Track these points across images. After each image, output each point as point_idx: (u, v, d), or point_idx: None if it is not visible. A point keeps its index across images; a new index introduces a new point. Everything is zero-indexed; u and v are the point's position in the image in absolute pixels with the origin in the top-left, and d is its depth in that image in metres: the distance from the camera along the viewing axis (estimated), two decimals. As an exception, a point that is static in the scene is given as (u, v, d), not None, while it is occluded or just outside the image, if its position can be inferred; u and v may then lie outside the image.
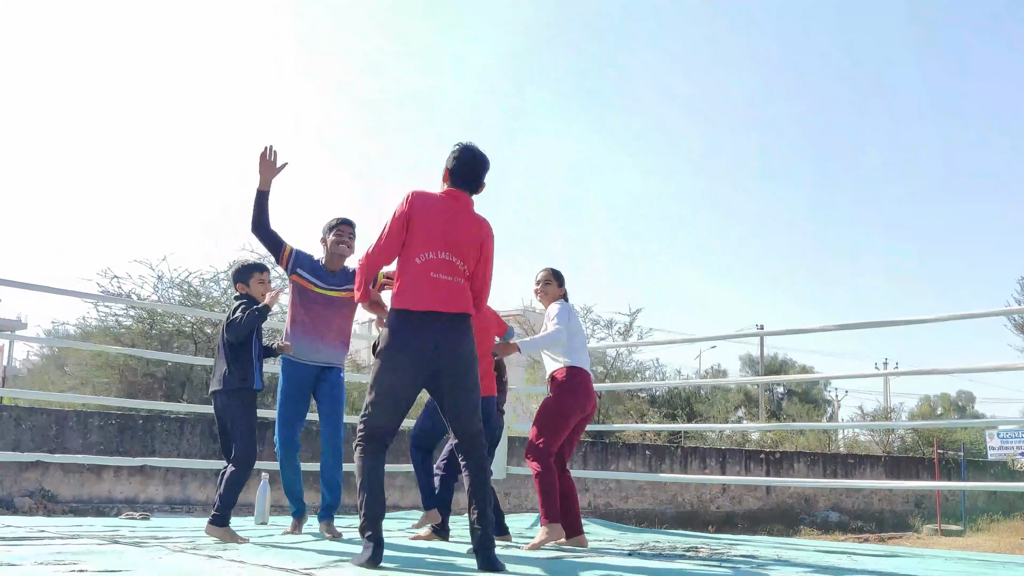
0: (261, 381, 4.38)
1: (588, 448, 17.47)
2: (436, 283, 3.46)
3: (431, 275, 3.46)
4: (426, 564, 3.61)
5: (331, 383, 4.75)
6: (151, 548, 3.75)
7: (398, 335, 3.44)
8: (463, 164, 3.65)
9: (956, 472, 22.43)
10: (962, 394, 47.76)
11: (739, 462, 19.53)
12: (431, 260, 3.48)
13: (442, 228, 3.52)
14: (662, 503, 17.81)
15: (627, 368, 20.64)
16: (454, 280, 3.50)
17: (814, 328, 6.68)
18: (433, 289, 3.45)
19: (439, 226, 3.52)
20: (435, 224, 3.52)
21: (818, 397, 38.12)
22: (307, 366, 4.69)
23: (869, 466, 21.95)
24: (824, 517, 19.36)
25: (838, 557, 4.55)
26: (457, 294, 3.50)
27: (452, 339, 3.45)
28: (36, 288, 6.10)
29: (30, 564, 3.03)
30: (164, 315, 15.26)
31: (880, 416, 28.71)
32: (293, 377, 4.69)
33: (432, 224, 3.52)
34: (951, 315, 6.01)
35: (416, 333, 3.42)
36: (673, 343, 10.67)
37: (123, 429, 12.71)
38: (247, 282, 4.47)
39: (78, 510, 11.24)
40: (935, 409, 44.49)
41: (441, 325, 3.44)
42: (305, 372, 4.69)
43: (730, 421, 27.06)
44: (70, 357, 16.78)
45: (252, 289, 4.45)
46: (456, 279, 3.51)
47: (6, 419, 11.98)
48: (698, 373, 36.47)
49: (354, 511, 3.97)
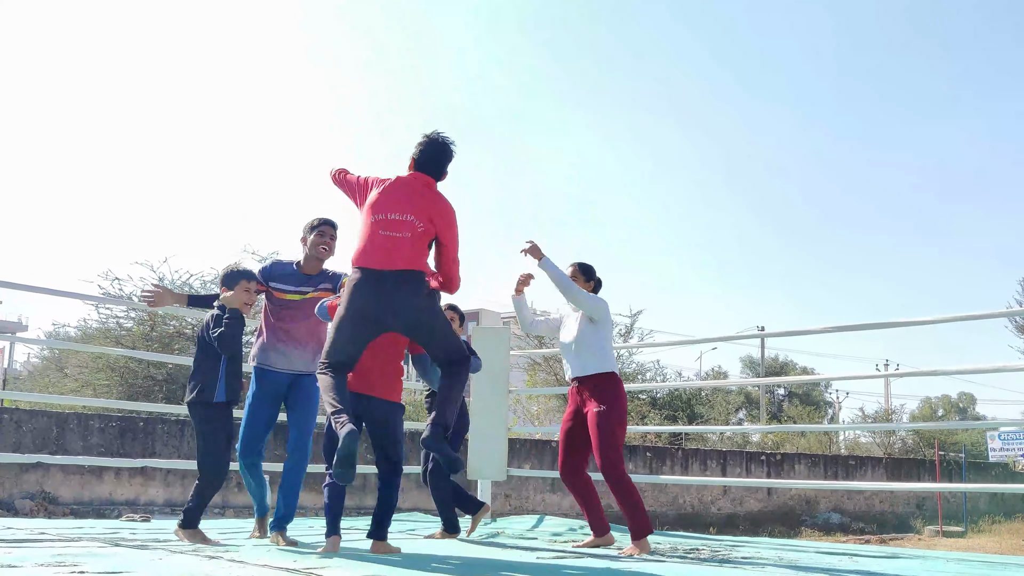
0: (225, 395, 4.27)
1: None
2: (384, 240, 3.77)
3: (379, 232, 3.79)
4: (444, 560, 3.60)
5: (304, 389, 4.63)
6: (152, 550, 3.75)
7: (353, 291, 3.77)
8: (425, 154, 3.98)
9: (957, 474, 22.41)
10: (963, 396, 47.73)
11: (740, 464, 19.51)
12: (380, 220, 3.82)
13: (394, 194, 3.86)
14: (663, 505, 17.79)
15: (628, 370, 20.62)
16: (401, 236, 3.78)
17: (815, 330, 6.67)
18: (379, 246, 3.76)
19: (390, 194, 3.87)
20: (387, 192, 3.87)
21: (819, 399, 38.13)
22: (280, 374, 4.57)
23: (870, 468, 21.93)
24: (825, 519, 19.34)
25: (839, 559, 4.55)
26: (403, 249, 3.77)
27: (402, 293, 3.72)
28: (37, 290, 6.09)
29: (31, 566, 3.03)
30: (165, 317, 15.24)
31: (881, 418, 28.68)
32: (264, 384, 4.56)
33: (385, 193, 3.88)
34: (952, 316, 6.00)
35: (363, 288, 3.73)
36: (674, 345, 10.68)
37: (124, 431, 12.70)
38: (232, 287, 4.42)
39: (79, 512, 11.23)
40: (936, 411, 44.47)
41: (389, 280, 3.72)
42: (278, 380, 4.57)
43: (731, 423, 27.04)
44: (71, 359, 16.77)
45: (234, 295, 4.38)
46: (404, 235, 3.78)
47: (6, 421, 11.97)
48: (699, 375, 36.47)
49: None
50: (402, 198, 3.85)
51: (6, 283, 5.92)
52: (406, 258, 3.74)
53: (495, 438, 5.82)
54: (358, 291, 3.74)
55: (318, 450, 4.22)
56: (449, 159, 4.02)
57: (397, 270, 3.72)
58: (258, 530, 4.78)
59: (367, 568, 3.35)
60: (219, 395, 4.25)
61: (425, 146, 3.98)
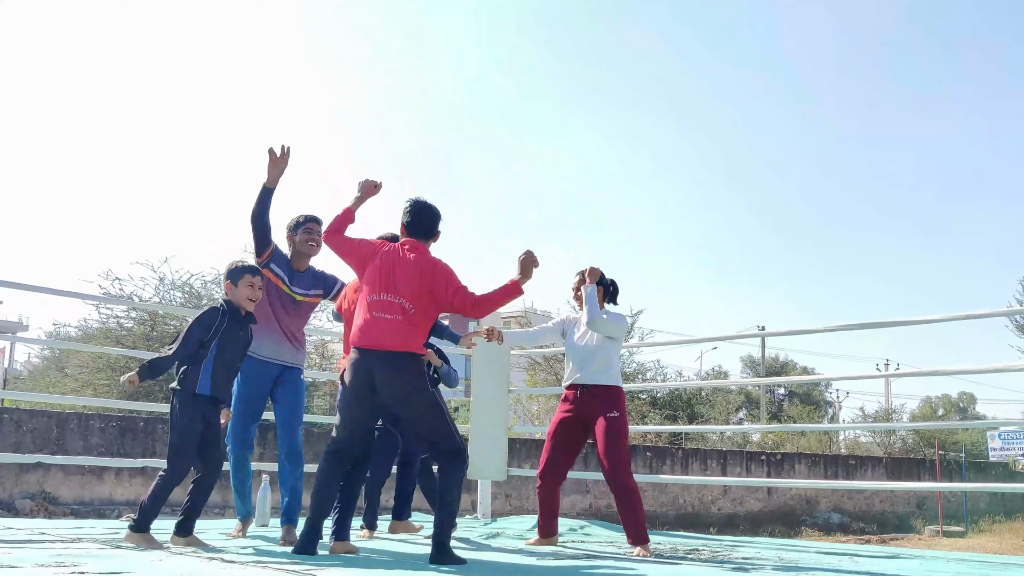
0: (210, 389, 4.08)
1: (588, 450, 17.46)
2: (376, 321, 3.85)
3: (373, 314, 3.87)
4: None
5: (291, 384, 4.61)
6: (152, 550, 3.75)
7: (349, 368, 3.90)
8: (413, 219, 4.06)
9: (957, 473, 22.41)
10: (963, 395, 47.76)
11: (740, 463, 19.51)
12: (374, 301, 3.89)
13: (387, 272, 3.91)
14: (663, 505, 17.79)
15: (628, 369, 20.59)
16: (393, 318, 3.85)
17: (815, 329, 6.66)
18: (372, 327, 3.84)
19: (384, 270, 3.92)
20: (382, 268, 3.93)
21: (819, 398, 38.15)
22: (270, 364, 4.53)
23: (870, 467, 21.93)
24: (826, 519, 19.34)
25: (840, 559, 4.55)
26: (395, 331, 3.83)
27: (387, 372, 3.80)
28: (37, 290, 6.09)
29: (31, 566, 3.03)
30: (166, 317, 15.25)
31: (881, 417, 28.70)
32: (254, 376, 4.49)
33: (378, 268, 3.93)
34: (952, 316, 5.99)
35: (357, 367, 3.85)
36: (674, 344, 10.69)
37: (124, 431, 12.70)
38: (236, 283, 4.22)
39: (79, 512, 11.24)
40: (936, 410, 44.50)
41: (376, 360, 3.80)
42: (267, 371, 4.52)
43: (731, 422, 27.03)
44: (71, 359, 16.77)
45: (239, 291, 4.19)
46: (395, 316, 3.85)
47: (7, 421, 11.97)
48: (699, 374, 36.46)
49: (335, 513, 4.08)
50: (393, 276, 3.90)
51: (6, 283, 5.92)
52: (396, 340, 3.81)
53: (495, 438, 5.83)
54: (354, 369, 3.86)
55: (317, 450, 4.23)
56: (438, 219, 4.11)
57: (386, 350, 3.80)
58: (241, 531, 4.70)
59: (367, 569, 3.35)
60: (202, 387, 4.05)
61: (411, 211, 4.07)
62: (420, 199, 4.12)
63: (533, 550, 4.56)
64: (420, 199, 4.12)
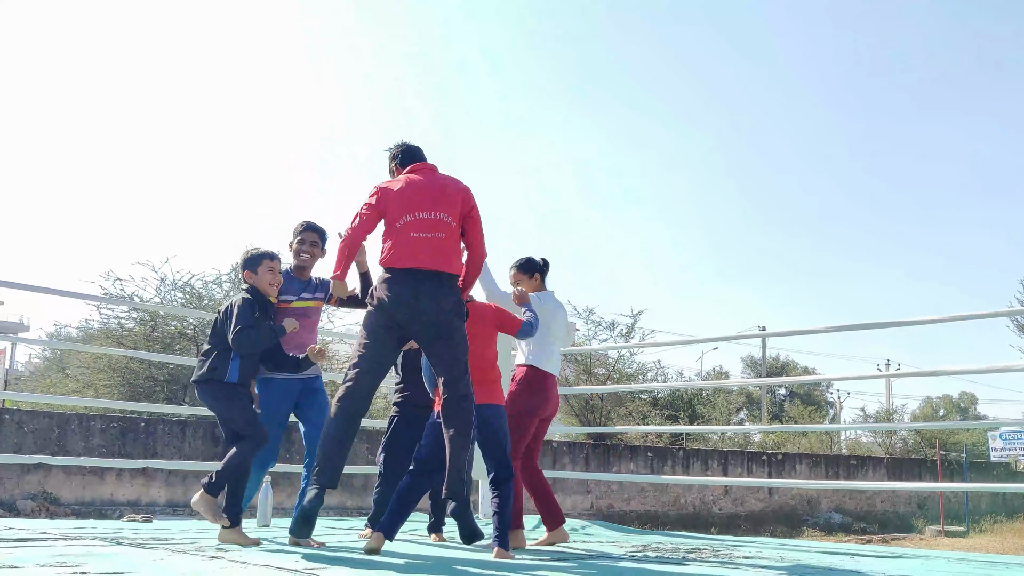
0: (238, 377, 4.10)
1: (590, 450, 17.47)
2: (417, 242, 3.72)
3: (411, 235, 3.73)
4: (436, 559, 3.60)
5: (316, 391, 4.60)
6: (153, 550, 3.75)
7: (381, 289, 3.72)
8: (408, 155, 4.02)
9: (959, 473, 22.40)
10: (964, 395, 47.71)
11: (741, 464, 19.51)
12: (409, 222, 3.74)
13: (415, 193, 3.79)
14: (664, 505, 17.79)
15: (629, 370, 20.60)
16: (435, 236, 3.73)
17: (816, 329, 6.66)
18: (414, 248, 3.71)
19: (411, 193, 3.80)
20: (407, 193, 3.80)
21: (820, 399, 38.14)
22: (292, 381, 4.50)
23: (871, 467, 21.93)
24: (827, 518, 19.33)
25: (841, 558, 4.54)
26: (439, 249, 3.72)
27: (432, 293, 3.66)
28: (38, 290, 6.09)
29: (32, 566, 3.03)
30: (166, 317, 15.26)
31: (882, 418, 28.68)
32: (276, 394, 4.47)
33: (404, 194, 3.79)
34: (953, 316, 6.00)
35: (397, 288, 3.67)
36: (675, 345, 10.70)
37: (125, 432, 12.71)
38: (255, 270, 4.20)
39: (80, 512, 11.25)
40: (937, 410, 44.45)
41: (421, 280, 3.66)
42: (289, 387, 4.50)
43: (732, 423, 27.02)
44: (72, 359, 16.79)
45: (260, 278, 4.18)
46: (438, 234, 3.74)
47: (8, 422, 11.98)
48: (700, 375, 36.46)
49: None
50: (425, 193, 3.79)
51: (8, 283, 5.92)
52: (442, 259, 3.72)
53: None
54: (393, 291, 3.69)
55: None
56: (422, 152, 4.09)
57: (434, 270, 3.69)
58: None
59: (369, 570, 3.35)
60: (231, 376, 4.08)
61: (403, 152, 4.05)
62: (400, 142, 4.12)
63: (543, 550, 4.55)
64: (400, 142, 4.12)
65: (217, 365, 4.06)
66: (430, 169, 3.96)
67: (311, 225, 4.69)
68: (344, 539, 4.77)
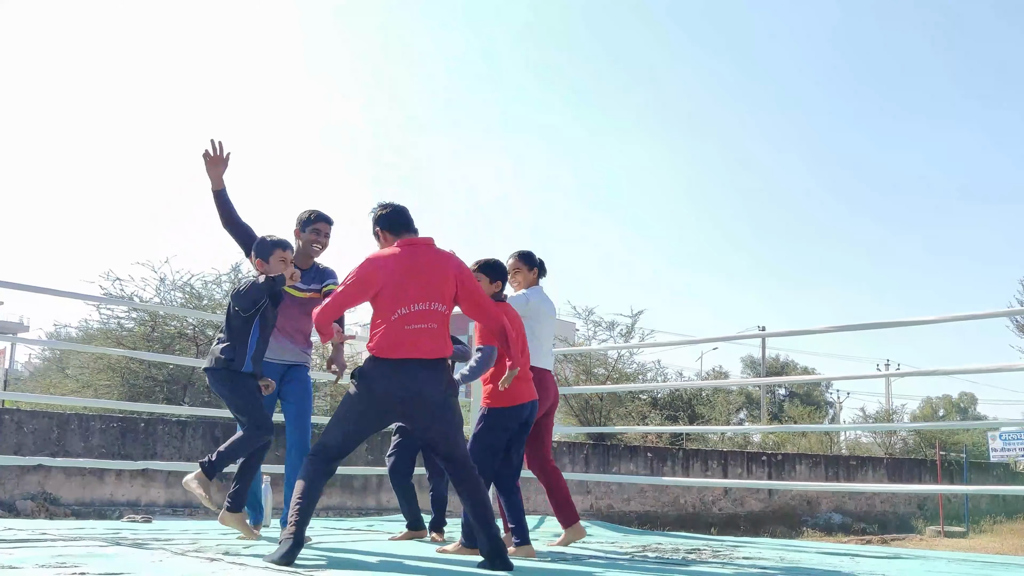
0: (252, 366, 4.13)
1: (590, 450, 17.46)
2: (411, 333, 3.61)
3: (405, 328, 3.61)
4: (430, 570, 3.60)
5: (298, 382, 4.54)
6: (153, 550, 3.75)
7: (371, 378, 3.60)
8: (394, 219, 3.85)
9: (958, 474, 22.39)
10: (964, 396, 47.72)
11: (741, 464, 19.50)
12: (405, 315, 3.62)
13: (410, 282, 3.65)
14: (664, 505, 17.78)
15: (628, 370, 20.56)
16: (428, 327, 3.64)
17: (816, 329, 6.67)
18: (407, 339, 3.60)
19: (406, 281, 3.65)
20: (402, 280, 3.65)
21: (820, 399, 38.12)
22: (274, 365, 4.46)
23: (871, 468, 21.91)
24: (827, 519, 19.33)
25: (841, 559, 4.54)
26: (431, 340, 3.64)
27: (432, 380, 3.59)
28: (38, 290, 6.08)
29: (32, 567, 3.03)
30: (166, 317, 15.24)
31: (882, 418, 28.64)
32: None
33: (399, 281, 3.64)
34: (953, 316, 6.00)
35: (396, 378, 3.57)
36: (675, 345, 10.69)
37: (125, 432, 12.70)
38: (267, 259, 4.17)
39: (80, 513, 11.23)
40: (937, 411, 44.45)
41: (415, 369, 3.58)
42: (271, 372, 4.44)
43: (732, 423, 26.99)
44: (72, 360, 16.77)
45: (272, 267, 4.16)
46: (430, 325, 3.65)
47: (8, 422, 11.97)
48: (700, 375, 36.43)
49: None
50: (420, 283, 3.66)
51: (7, 283, 5.92)
52: (435, 347, 3.64)
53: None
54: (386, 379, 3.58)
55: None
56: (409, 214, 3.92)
57: (428, 359, 3.61)
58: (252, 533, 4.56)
59: (369, 570, 3.35)
60: (246, 366, 4.11)
61: (389, 214, 3.86)
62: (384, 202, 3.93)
63: (540, 550, 4.54)
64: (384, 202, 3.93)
65: (236, 354, 4.08)
66: (424, 245, 3.79)
67: (324, 216, 4.58)
68: (344, 539, 4.78)
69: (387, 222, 3.86)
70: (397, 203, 3.93)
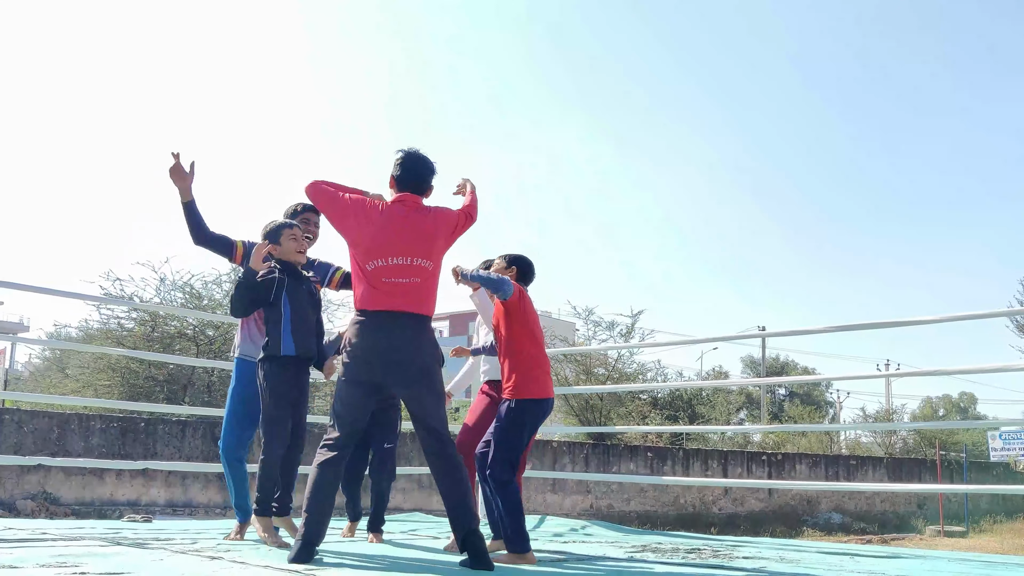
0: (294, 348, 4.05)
1: (590, 450, 17.46)
2: (388, 286, 3.58)
3: (383, 280, 3.58)
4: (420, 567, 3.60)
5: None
6: (153, 550, 3.75)
7: (356, 333, 3.57)
8: (406, 170, 3.78)
9: (958, 473, 22.39)
10: (964, 395, 47.71)
11: (741, 463, 19.50)
12: (380, 267, 3.59)
13: (391, 236, 3.63)
14: (664, 505, 17.79)
15: (628, 370, 20.58)
16: (409, 281, 3.61)
17: (816, 329, 6.66)
18: (385, 291, 3.57)
19: (387, 234, 3.63)
20: (383, 233, 3.63)
21: (820, 399, 38.13)
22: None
23: (871, 467, 21.92)
24: (826, 519, 19.33)
25: (841, 559, 4.54)
26: (411, 293, 3.60)
27: (404, 338, 3.55)
28: (38, 290, 6.08)
29: (32, 566, 3.03)
30: (166, 317, 15.25)
31: (882, 418, 28.66)
32: (250, 375, 4.25)
33: (380, 234, 3.63)
34: (952, 316, 6.00)
35: (372, 332, 3.54)
36: (675, 345, 10.69)
37: (125, 432, 12.71)
38: (278, 241, 4.14)
39: (80, 512, 11.24)
40: (937, 410, 44.45)
41: (394, 322, 3.55)
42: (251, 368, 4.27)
43: (732, 423, 27.00)
44: (72, 360, 16.78)
45: (284, 248, 4.13)
46: (412, 279, 3.61)
47: (8, 422, 11.98)
48: (700, 375, 36.44)
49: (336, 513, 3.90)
50: (402, 238, 3.62)
51: (7, 283, 5.92)
52: (414, 303, 3.60)
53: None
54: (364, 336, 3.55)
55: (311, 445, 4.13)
56: (431, 173, 3.83)
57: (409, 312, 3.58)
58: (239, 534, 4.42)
59: (369, 570, 3.35)
60: (286, 348, 4.04)
61: (404, 162, 3.78)
62: (413, 149, 3.83)
63: (540, 549, 4.54)
64: (413, 149, 3.83)
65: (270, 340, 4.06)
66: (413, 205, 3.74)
67: (311, 206, 4.45)
68: (344, 539, 4.77)
69: (396, 169, 3.79)
70: (422, 156, 3.82)
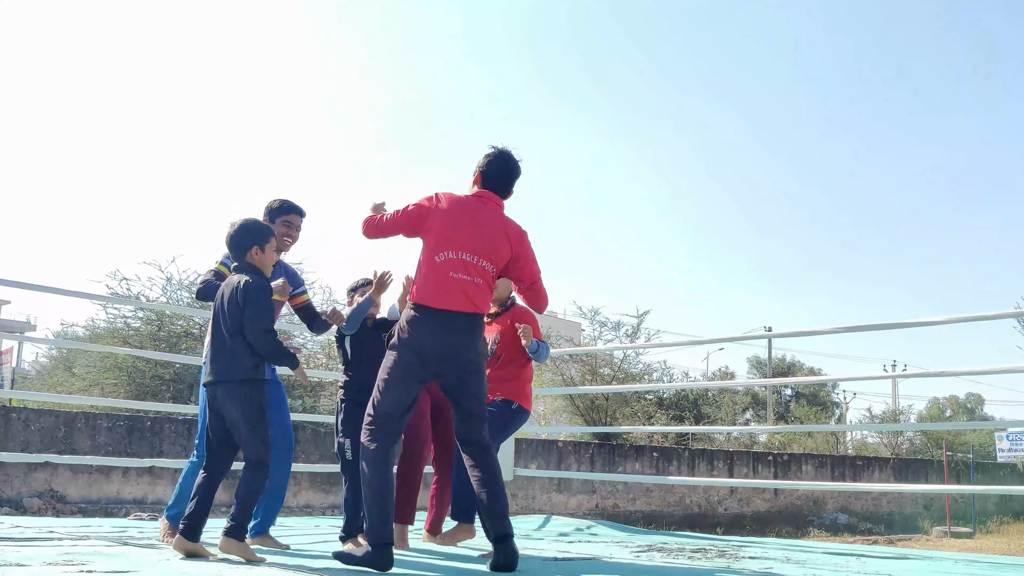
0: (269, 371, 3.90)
1: (595, 450, 17.45)
2: (454, 282, 3.48)
3: (450, 274, 3.49)
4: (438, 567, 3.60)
5: (274, 383, 4.20)
6: (159, 549, 3.76)
7: (412, 328, 3.47)
8: (495, 169, 3.69)
9: (965, 474, 22.33)
10: (971, 396, 47.58)
11: (747, 464, 19.47)
12: (450, 260, 3.50)
13: (464, 229, 3.54)
14: (670, 505, 17.76)
15: (634, 370, 20.55)
16: (472, 280, 3.51)
17: (822, 330, 6.66)
18: (450, 288, 3.48)
19: (460, 227, 3.54)
20: (456, 225, 3.54)
21: (826, 399, 37.99)
22: None
23: (878, 468, 21.86)
24: (833, 519, 19.29)
25: (847, 559, 4.53)
26: (473, 293, 3.52)
27: (463, 337, 3.48)
28: (45, 290, 6.11)
29: (39, 565, 3.04)
30: (173, 317, 15.28)
31: (888, 418, 28.58)
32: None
33: (453, 225, 3.54)
34: (959, 317, 5.98)
35: (431, 330, 3.45)
36: (681, 345, 10.69)
37: (131, 430, 12.73)
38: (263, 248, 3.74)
39: (87, 511, 11.27)
40: (944, 411, 44.31)
41: (454, 322, 3.47)
42: None
43: (738, 423, 26.99)
44: (79, 359, 16.81)
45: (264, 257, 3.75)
46: (475, 279, 3.52)
47: (15, 420, 12.01)
48: (706, 375, 36.39)
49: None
50: (474, 234, 3.54)
51: (14, 283, 5.94)
52: (475, 303, 3.52)
53: (502, 438, 5.80)
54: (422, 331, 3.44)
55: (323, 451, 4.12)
56: (517, 176, 3.76)
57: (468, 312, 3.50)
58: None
59: (370, 571, 3.34)
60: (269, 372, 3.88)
61: (494, 160, 3.69)
62: (505, 149, 3.72)
63: (545, 548, 4.54)
64: (505, 149, 3.72)
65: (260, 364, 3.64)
66: (494, 205, 3.67)
67: (296, 206, 4.25)
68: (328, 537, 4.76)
69: (485, 165, 3.70)
70: (513, 158, 3.73)
